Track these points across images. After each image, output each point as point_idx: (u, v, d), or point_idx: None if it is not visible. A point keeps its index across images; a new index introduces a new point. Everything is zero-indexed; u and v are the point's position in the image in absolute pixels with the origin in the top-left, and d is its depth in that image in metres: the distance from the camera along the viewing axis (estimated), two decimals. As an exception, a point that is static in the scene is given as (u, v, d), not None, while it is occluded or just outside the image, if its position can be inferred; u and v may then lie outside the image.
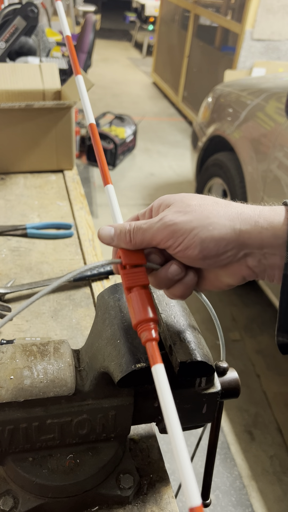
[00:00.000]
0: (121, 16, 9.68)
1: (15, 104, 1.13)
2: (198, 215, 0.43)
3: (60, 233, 1.04)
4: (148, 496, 0.55)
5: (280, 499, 1.62)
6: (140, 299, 0.42)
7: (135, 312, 0.41)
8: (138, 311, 0.41)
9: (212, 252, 0.42)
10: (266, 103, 2.15)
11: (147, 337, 0.40)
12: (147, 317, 0.41)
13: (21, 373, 0.49)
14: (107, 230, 0.46)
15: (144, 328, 0.40)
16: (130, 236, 0.45)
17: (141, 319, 0.41)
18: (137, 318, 0.41)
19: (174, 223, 0.43)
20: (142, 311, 0.41)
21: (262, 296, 2.49)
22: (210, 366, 0.48)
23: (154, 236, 0.44)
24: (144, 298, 0.42)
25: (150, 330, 0.40)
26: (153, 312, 0.41)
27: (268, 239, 0.41)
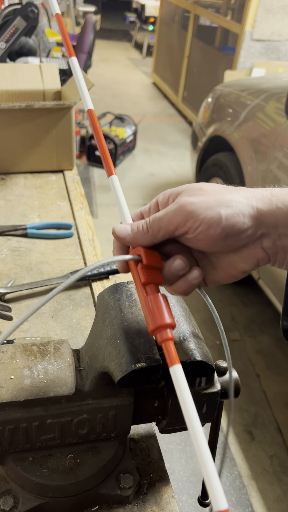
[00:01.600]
0: (121, 17, 9.69)
1: (15, 104, 1.13)
2: (214, 195, 0.42)
3: (60, 233, 1.04)
4: (148, 496, 0.55)
5: (280, 498, 1.62)
6: (158, 303, 0.40)
7: (153, 317, 0.40)
8: (157, 315, 0.40)
9: (235, 229, 0.41)
10: (266, 104, 2.16)
11: (164, 337, 0.39)
12: (166, 322, 0.39)
13: (21, 373, 0.49)
14: (122, 228, 0.45)
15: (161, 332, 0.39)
16: (147, 226, 0.43)
17: (160, 325, 0.39)
18: (156, 324, 0.39)
19: (191, 203, 0.41)
20: (161, 316, 0.39)
21: (262, 296, 2.49)
22: (210, 366, 0.48)
23: (171, 221, 0.42)
24: (162, 302, 0.41)
25: (166, 330, 0.39)
26: (171, 318, 0.40)
27: (282, 218, 0.41)
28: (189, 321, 0.52)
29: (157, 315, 0.40)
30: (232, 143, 2.34)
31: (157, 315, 0.40)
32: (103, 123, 4.07)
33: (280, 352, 2.22)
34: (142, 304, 0.41)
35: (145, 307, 0.41)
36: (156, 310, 0.40)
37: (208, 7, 4.91)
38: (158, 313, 0.40)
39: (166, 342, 0.38)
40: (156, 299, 0.41)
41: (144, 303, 0.41)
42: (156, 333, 0.39)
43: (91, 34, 3.67)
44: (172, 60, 5.66)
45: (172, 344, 0.38)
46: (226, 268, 0.45)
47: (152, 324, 0.40)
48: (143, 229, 0.43)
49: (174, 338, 0.39)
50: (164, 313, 0.40)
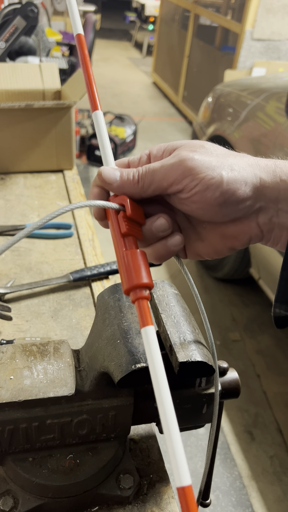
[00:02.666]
0: (121, 16, 9.68)
1: (15, 104, 1.13)
2: (217, 156, 0.38)
3: (60, 233, 1.04)
4: (148, 496, 0.55)
5: (280, 499, 1.62)
6: (136, 260, 0.36)
7: (128, 275, 0.35)
8: (133, 274, 0.35)
9: (234, 197, 0.37)
10: (266, 103, 2.15)
11: (138, 294, 0.34)
12: (142, 282, 0.35)
13: (21, 373, 0.49)
14: (111, 171, 0.40)
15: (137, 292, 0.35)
16: (139, 176, 0.39)
17: (136, 284, 0.35)
18: (131, 283, 0.35)
19: (192, 158, 0.37)
20: (138, 274, 0.35)
21: (262, 296, 2.49)
22: (210, 366, 0.48)
23: (166, 175, 0.38)
24: (140, 259, 0.36)
25: (142, 290, 0.35)
26: (149, 278, 0.36)
27: (284, 192, 0.38)
28: (189, 321, 0.52)
29: (133, 273, 0.35)
30: (232, 143, 2.33)
31: (133, 274, 0.35)
32: (103, 123, 4.06)
33: (280, 352, 2.22)
34: (118, 259, 0.37)
35: (121, 263, 0.36)
36: (133, 268, 0.36)
37: (208, 7, 4.90)
38: (135, 271, 0.35)
39: (139, 300, 0.34)
40: (134, 256, 0.36)
41: (120, 259, 0.37)
42: (130, 293, 0.35)
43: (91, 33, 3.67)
44: (172, 59, 5.65)
45: (146, 304, 0.34)
46: (213, 241, 0.42)
47: (127, 283, 0.35)
48: (133, 179, 0.39)
49: (149, 297, 0.35)
50: (142, 272, 0.35)
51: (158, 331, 0.53)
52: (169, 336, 0.49)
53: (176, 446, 0.29)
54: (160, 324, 0.52)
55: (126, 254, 0.36)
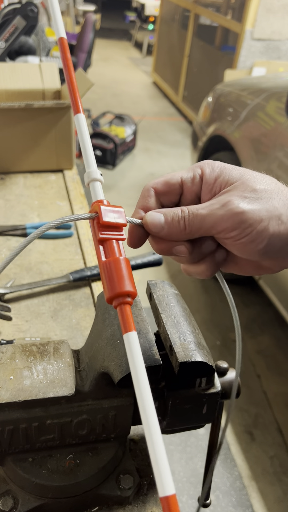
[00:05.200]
0: (121, 16, 9.68)
1: (15, 103, 1.13)
2: (266, 204, 0.38)
3: (60, 233, 1.04)
4: (148, 497, 0.55)
5: (281, 499, 1.62)
6: (118, 267, 0.35)
7: (110, 283, 0.35)
8: (115, 282, 0.35)
9: (276, 248, 0.38)
10: (266, 103, 2.15)
11: (121, 300, 0.34)
12: (124, 290, 0.34)
13: (20, 373, 0.49)
14: (156, 217, 0.39)
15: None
16: (185, 223, 0.38)
17: (118, 292, 0.34)
18: (113, 291, 0.34)
19: (242, 212, 0.37)
20: (120, 282, 0.34)
21: (262, 296, 2.49)
22: (210, 366, 0.48)
23: (215, 225, 0.37)
24: (122, 266, 0.35)
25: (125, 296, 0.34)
26: (133, 285, 0.35)
27: None
28: (189, 321, 0.52)
29: (115, 281, 0.35)
30: (232, 143, 2.33)
31: (115, 282, 0.35)
32: (103, 123, 4.06)
33: (280, 353, 2.22)
34: (100, 268, 0.36)
35: (101, 271, 0.36)
36: (115, 276, 0.35)
37: (208, 6, 4.90)
38: (117, 280, 0.35)
39: (122, 305, 0.34)
40: (116, 263, 0.35)
41: (100, 267, 0.36)
42: (113, 301, 0.35)
43: (91, 33, 3.67)
44: (172, 59, 5.65)
45: (129, 309, 0.34)
46: (247, 268, 0.43)
47: (109, 291, 0.35)
48: (179, 225, 0.38)
49: (132, 303, 0.34)
50: (124, 280, 0.35)
51: (158, 331, 0.53)
52: (169, 336, 0.49)
53: (158, 454, 0.28)
54: (160, 324, 0.52)
55: (107, 263, 0.35)
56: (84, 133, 0.40)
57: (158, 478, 0.27)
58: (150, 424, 0.29)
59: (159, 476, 0.27)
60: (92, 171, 0.39)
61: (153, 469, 0.28)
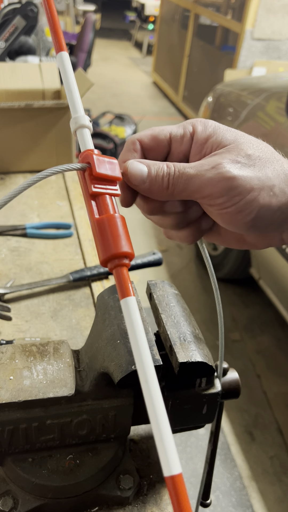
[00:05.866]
0: (121, 16, 9.68)
1: (15, 103, 1.13)
2: (259, 173, 0.34)
3: (60, 233, 1.04)
4: (148, 497, 0.55)
5: (281, 499, 1.62)
6: (113, 226, 0.31)
7: (104, 243, 0.31)
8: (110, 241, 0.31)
9: (264, 222, 0.35)
10: (266, 103, 2.15)
11: (117, 262, 0.30)
12: (121, 251, 0.30)
13: (20, 374, 0.49)
14: (139, 168, 0.35)
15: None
16: (169, 181, 0.35)
17: (114, 253, 0.30)
18: (108, 252, 0.30)
19: (233, 177, 0.34)
20: (116, 242, 0.31)
21: (262, 296, 2.49)
22: (210, 366, 0.48)
23: (201, 188, 0.34)
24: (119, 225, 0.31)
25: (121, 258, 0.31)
26: (129, 246, 0.31)
27: None
28: (189, 322, 0.51)
29: (110, 241, 0.31)
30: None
31: (110, 241, 0.31)
32: (103, 123, 4.06)
33: (280, 353, 2.22)
34: (91, 225, 0.32)
35: (94, 229, 0.32)
36: (110, 235, 0.31)
37: (209, 6, 4.90)
38: (113, 239, 0.31)
39: (118, 268, 0.30)
40: (111, 221, 0.31)
41: (93, 225, 0.32)
42: (107, 263, 0.31)
43: (91, 33, 3.67)
44: (172, 59, 5.65)
45: (126, 272, 0.30)
46: (230, 240, 0.41)
47: (103, 253, 0.31)
48: (162, 181, 0.35)
49: (129, 265, 0.31)
50: (121, 240, 0.31)
51: (158, 331, 0.53)
52: (169, 337, 0.48)
53: (163, 430, 0.25)
54: (160, 324, 0.52)
55: (100, 220, 0.32)
56: (69, 73, 0.35)
57: (163, 455, 0.25)
58: (153, 397, 0.26)
59: (165, 454, 0.25)
60: (79, 116, 0.35)
61: (157, 447, 0.25)
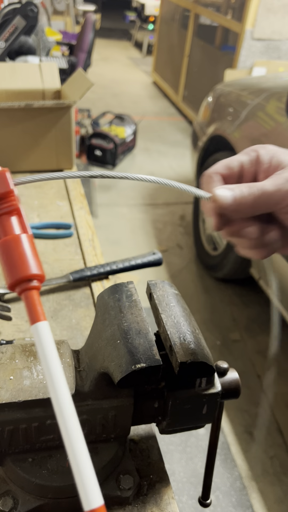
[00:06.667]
0: (121, 16, 9.68)
1: (15, 103, 1.13)
2: None
3: (60, 233, 1.04)
4: (148, 497, 0.55)
5: (281, 500, 1.62)
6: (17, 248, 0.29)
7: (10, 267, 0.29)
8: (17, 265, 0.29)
9: None
10: (266, 103, 2.15)
11: (25, 286, 0.28)
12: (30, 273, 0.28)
13: (20, 374, 0.49)
14: (225, 193, 0.39)
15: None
16: (253, 198, 0.39)
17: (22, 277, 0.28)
18: (16, 276, 0.28)
19: None
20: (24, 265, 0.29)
21: (262, 296, 2.49)
22: (211, 366, 0.48)
23: (283, 199, 0.39)
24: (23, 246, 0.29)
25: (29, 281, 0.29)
26: (39, 267, 0.29)
27: None
28: (189, 322, 0.51)
29: (16, 264, 0.29)
30: (232, 143, 2.33)
31: (16, 265, 0.29)
32: (103, 123, 4.06)
33: (280, 353, 2.22)
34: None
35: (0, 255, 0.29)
36: (15, 257, 0.29)
37: (209, 6, 4.90)
38: (19, 261, 0.29)
39: (26, 292, 0.28)
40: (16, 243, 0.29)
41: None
42: (15, 288, 0.29)
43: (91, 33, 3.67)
44: (172, 59, 5.65)
45: (36, 295, 0.29)
46: None
47: (10, 277, 0.28)
48: (247, 200, 0.39)
49: (39, 287, 0.29)
50: (28, 261, 0.29)
51: (158, 331, 0.53)
52: (169, 336, 0.48)
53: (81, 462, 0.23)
54: (160, 324, 0.52)
55: (3, 242, 0.29)
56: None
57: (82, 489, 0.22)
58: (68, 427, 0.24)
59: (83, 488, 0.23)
60: None
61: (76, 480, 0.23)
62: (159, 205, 3.39)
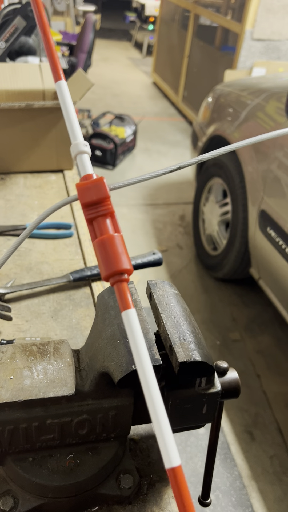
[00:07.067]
0: (121, 16, 9.68)
1: (15, 104, 1.13)
2: None
3: (60, 233, 1.04)
4: (148, 496, 0.55)
5: (280, 499, 1.62)
6: (111, 246, 0.34)
7: (106, 262, 0.34)
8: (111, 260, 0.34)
9: None
10: (266, 103, 2.15)
11: (117, 278, 0.34)
12: (121, 268, 0.34)
13: (21, 373, 0.49)
14: None
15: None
16: None
17: (115, 271, 0.34)
18: (110, 269, 0.34)
19: None
20: (117, 260, 0.34)
21: (262, 296, 2.49)
22: (210, 366, 0.48)
23: None
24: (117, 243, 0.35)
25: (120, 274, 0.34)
26: (129, 262, 0.34)
27: None
28: (189, 321, 0.52)
29: (110, 259, 0.34)
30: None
31: (110, 260, 0.34)
32: (103, 123, 4.06)
33: (280, 353, 2.22)
34: (94, 247, 0.36)
35: (96, 251, 0.35)
36: (110, 254, 0.34)
37: (208, 7, 4.90)
38: (113, 257, 0.34)
39: (118, 283, 0.34)
40: (110, 241, 0.35)
41: (94, 247, 0.36)
42: (109, 279, 0.34)
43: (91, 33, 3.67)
44: (172, 59, 5.65)
45: (125, 286, 0.34)
46: None
47: (105, 270, 0.34)
48: None
49: (128, 279, 0.34)
50: (118, 257, 0.34)
51: (158, 331, 0.53)
52: (169, 336, 0.49)
53: (163, 426, 0.28)
54: (160, 324, 0.52)
55: (99, 241, 0.35)
56: (68, 102, 0.39)
57: (164, 449, 0.28)
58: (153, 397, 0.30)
59: (165, 447, 0.28)
60: (79, 143, 0.38)
61: (158, 441, 0.28)
62: (159, 205, 3.39)
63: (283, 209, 1.88)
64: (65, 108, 0.39)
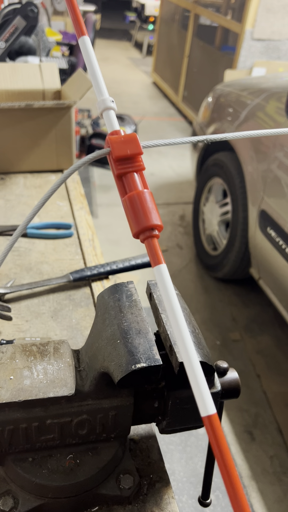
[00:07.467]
0: (121, 16, 9.68)
1: (15, 104, 1.13)
2: None
3: (60, 233, 1.04)
4: (148, 497, 0.55)
5: (280, 499, 1.62)
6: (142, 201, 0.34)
7: (136, 217, 0.34)
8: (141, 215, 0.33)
9: None
10: (266, 103, 2.15)
11: (148, 234, 0.33)
12: (151, 223, 0.33)
13: (21, 373, 0.49)
14: None
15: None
16: None
17: (146, 226, 0.33)
18: (140, 225, 0.33)
19: None
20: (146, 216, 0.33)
21: (262, 296, 2.49)
22: (210, 366, 0.48)
23: None
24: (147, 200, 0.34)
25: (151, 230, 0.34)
26: (158, 219, 0.34)
27: None
28: (189, 321, 0.52)
29: (141, 215, 0.34)
30: (232, 143, 2.33)
31: (141, 215, 0.34)
32: (103, 123, 4.06)
33: (280, 353, 2.22)
34: (123, 204, 0.36)
35: (125, 207, 0.35)
36: (140, 210, 0.34)
37: (208, 7, 4.90)
38: (143, 213, 0.34)
39: (149, 239, 0.33)
40: (140, 196, 0.34)
41: (123, 203, 0.35)
42: (139, 235, 0.34)
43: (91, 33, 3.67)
44: (172, 59, 5.65)
45: (156, 242, 0.33)
46: None
47: (135, 226, 0.33)
48: None
49: (158, 236, 0.34)
50: (150, 213, 0.34)
51: (158, 331, 0.53)
52: (169, 336, 0.49)
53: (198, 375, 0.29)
54: (160, 324, 0.52)
55: (130, 197, 0.34)
56: (92, 57, 0.38)
57: (200, 398, 0.29)
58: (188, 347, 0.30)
59: (201, 396, 0.29)
60: (105, 99, 0.38)
61: (194, 390, 0.29)
62: (159, 205, 3.39)
63: (283, 209, 1.88)
64: (89, 63, 0.39)
